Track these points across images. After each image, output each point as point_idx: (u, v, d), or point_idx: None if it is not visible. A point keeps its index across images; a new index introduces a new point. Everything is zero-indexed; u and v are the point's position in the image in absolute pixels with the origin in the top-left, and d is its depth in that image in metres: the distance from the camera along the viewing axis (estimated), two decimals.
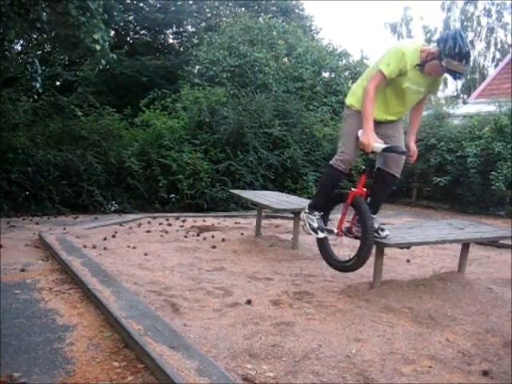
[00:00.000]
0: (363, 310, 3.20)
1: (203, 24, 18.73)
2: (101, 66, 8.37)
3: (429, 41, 26.86)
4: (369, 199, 3.73)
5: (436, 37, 27.05)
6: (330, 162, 3.75)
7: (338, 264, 3.82)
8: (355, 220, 3.71)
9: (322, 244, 3.92)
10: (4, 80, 8.87)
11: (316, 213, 3.83)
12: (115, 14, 13.93)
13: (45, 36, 9.17)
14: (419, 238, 3.73)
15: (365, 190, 3.67)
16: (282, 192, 7.76)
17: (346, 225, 3.79)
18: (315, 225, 3.80)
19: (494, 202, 9.20)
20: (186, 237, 5.80)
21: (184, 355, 2.35)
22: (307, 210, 3.88)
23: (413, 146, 3.77)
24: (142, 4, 17.96)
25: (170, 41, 19.54)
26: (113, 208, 7.98)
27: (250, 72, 13.99)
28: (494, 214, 8.99)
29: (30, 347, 2.59)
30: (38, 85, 8.54)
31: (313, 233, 3.82)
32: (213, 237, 5.77)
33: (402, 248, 4.12)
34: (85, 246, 4.88)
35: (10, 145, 7.48)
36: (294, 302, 3.39)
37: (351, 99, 3.74)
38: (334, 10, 42.87)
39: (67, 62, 17.12)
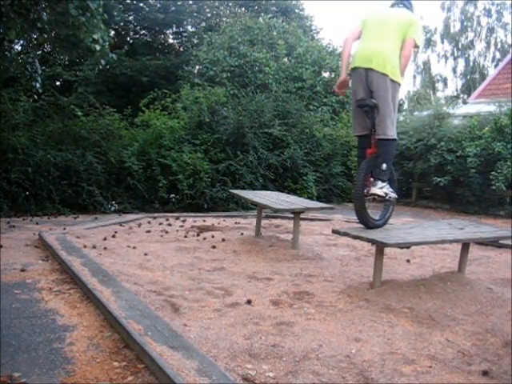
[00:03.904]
0: (363, 310, 3.20)
1: (203, 24, 18.75)
2: (100, 66, 8.35)
3: (429, 41, 26.92)
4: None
5: (436, 37, 27.07)
6: (391, 137, 3.87)
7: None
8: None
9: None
10: (4, 80, 8.87)
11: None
12: (115, 13, 13.94)
13: (45, 36, 9.16)
14: (419, 238, 3.72)
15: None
16: (282, 192, 7.77)
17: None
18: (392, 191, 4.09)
19: (494, 201, 9.20)
20: (185, 237, 5.79)
21: (184, 355, 2.34)
22: (384, 184, 3.97)
23: None
24: (141, 4, 17.98)
25: (170, 41, 19.56)
26: (113, 208, 7.99)
27: (250, 72, 14.00)
28: (494, 214, 8.99)
29: (30, 347, 2.59)
30: (38, 85, 8.53)
31: (396, 196, 4.12)
32: (213, 237, 5.77)
33: (401, 248, 4.11)
34: (85, 246, 4.88)
35: (9, 145, 7.48)
36: (293, 302, 3.38)
37: (394, 71, 3.78)
38: (334, 10, 42.90)
39: (67, 62, 17.14)
